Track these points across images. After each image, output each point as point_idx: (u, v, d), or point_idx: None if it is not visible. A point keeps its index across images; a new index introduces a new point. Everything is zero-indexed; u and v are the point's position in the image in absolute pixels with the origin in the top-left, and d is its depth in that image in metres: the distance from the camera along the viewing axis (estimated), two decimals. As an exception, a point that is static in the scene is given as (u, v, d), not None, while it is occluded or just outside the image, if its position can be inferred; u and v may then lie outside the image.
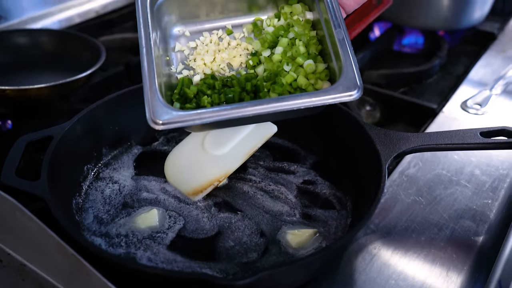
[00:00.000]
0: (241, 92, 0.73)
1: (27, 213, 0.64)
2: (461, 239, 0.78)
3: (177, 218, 0.78)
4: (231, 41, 0.82)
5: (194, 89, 0.74)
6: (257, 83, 0.74)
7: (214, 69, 0.79)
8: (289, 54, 0.76)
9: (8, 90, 0.99)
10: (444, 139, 0.81)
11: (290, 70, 0.75)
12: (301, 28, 0.78)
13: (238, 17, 0.84)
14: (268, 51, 0.78)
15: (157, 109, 0.66)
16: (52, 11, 1.44)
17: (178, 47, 0.82)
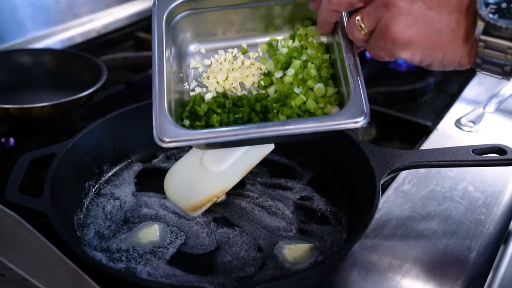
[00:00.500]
0: (250, 113, 0.74)
1: (30, 229, 0.65)
2: (454, 254, 0.79)
3: (178, 234, 0.80)
4: (245, 60, 0.83)
5: (205, 107, 0.75)
6: (266, 104, 0.74)
7: (226, 87, 0.80)
8: (300, 77, 0.76)
9: (11, 109, 1.01)
10: (437, 156, 0.83)
11: (300, 92, 0.75)
12: (314, 51, 0.78)
13: (254, 37, 0.85)
14: (281, 72, 0.79)
15: (164, 127, 0.67)
16: (54, 31, 1.47)
17: (193, 64, 0.83)
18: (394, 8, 0.61)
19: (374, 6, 0.64)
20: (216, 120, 0.73)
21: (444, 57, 0.63)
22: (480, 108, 1.17)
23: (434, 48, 0.63)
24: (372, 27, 0.65)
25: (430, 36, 0.62)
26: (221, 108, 0.76)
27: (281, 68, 0.79)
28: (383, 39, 0.64)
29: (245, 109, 0.74)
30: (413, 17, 0.61)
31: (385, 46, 0.64)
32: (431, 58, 0.64)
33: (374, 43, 0.66)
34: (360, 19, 0.66)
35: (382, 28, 0.63)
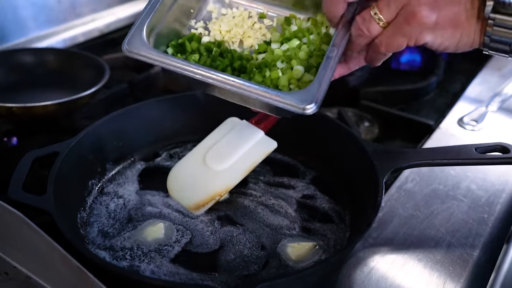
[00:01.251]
0: (227, 66, 0.75)
1: (34, 227, 0.65)
2: (457, 253, 0.79)
3: (184, 232, 0.80)
4: (256, 23, 0.82)
5: (194, 46, 0.77)
6: (246, 65, 0.75)
7: (225, 39, 0.80)
8: (289, 53, 0.76)
9: (14, 108, 1.02)
10: (440, 154, 0.83)
11: (281, 68, 0.74)
12: (316, 38, 0.77)
13: (279, 7, 0.83)
14: (278, 45, 0.78)
15: (134, 39, 0.71)
16: (57, 30, 1.47)
17: (210, 7, 0.83)
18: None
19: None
20: (193, 59, 0.75)
21: (461, 38, 0.66)
22: (483, 107, 1.17)
23: (454, 29, 0.65)
24: (393, 17, 0.65)
25: (451, 18, 0.64)
26: (207, 52, 0.77)
27: (281, 42, 0.79)
28: (409, 25, 0.64)
29: (225, 61, 0.75)
30: (436, 0, 0.63)
31: (411, 32, 0.65)
32: (450, 40, 0.66)
33: (396, 31, 0.66)
34: (378, 11, 0.65)
35: (407, 15, 0.64)
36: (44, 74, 1.24)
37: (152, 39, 0.74)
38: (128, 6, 1.64)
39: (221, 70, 0.74)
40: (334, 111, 1.15)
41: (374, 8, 0.66)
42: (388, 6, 0.65)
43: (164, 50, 0.77)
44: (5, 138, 1.06)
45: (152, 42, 0.74)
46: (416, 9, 0.63)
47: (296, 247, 0.76)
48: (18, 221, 0.66)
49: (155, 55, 0.70)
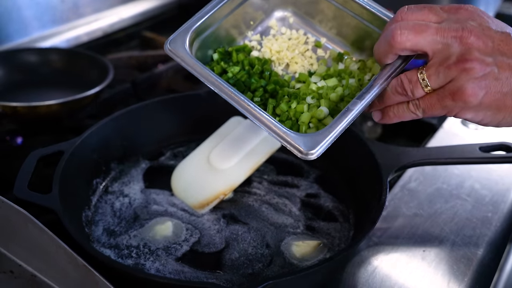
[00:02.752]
0: (261, 87, 0.75)
1: (39, 225, 0.65)
2: (461, 251, 0.79)
3: (193, 231, 0.80)
4: (308, 51, 0.81)
5: (240, 57, 0.78)
6: (278, 91, 0.75)
7: (273, 58, 0.80)
8: (321, 92, 0.74)
9: (19, 107, 1.02)
10: (444, 153, 0.83)
11: (309, 103, 0.73)
12: (356, 84, 0.74)
13: (337, 42, 0.81)
14: (318, 79, 0.77)
15: (177, 40, 0.72)
16: (60, 30, 1.47)
17: (271, 23, 0.83)
18: (470, 71, 0.59)
19: (446, 65, 0.61)
20: (232, 71, 0.76)
21: (503, 119, 0.63)
22: (486, 106, 1.17)
23: (498, 111, 0.62)
24: (439, 86, 0.62)
25: (498, 100, 0.61)
26: (249, 66, 0.77)
27: (325, 75, 0.77)
28: (453, 99, 0.61)
29: (260, 82, 0.75)
30: (487, 80, 0.60)
31: (453, 107, 0.62)
32: (491, 119, 0.63)
33: (437, 102, 0.63)
34: (426, 76, 0.62)
35: (454, 89, 0.61)
36: (48, 74, 1.24)
37: (197, 43, 0.75)
38: (131, 6, 1.64)
39: (253, 89, 0.75)
40: (337, 110, 1.15)
41: (423, 72, 0.63)
42: (437, 75, 0.61)
43: (210, 54, 0.78)
44: (10, 137, 1.06)
45: (197, 45, 0.75)
46: (465, 86, 0.60)
47: (301, 245, 0.77)
48: (23, 219, 0.67)
49: (188, 60, 0.71)
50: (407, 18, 0.63)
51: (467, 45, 0.60)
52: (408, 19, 0.63)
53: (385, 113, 0.70)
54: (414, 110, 0.66)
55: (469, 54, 0.59)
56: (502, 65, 0.60)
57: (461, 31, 0.60)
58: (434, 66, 0.62)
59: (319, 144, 0.64)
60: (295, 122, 0.72)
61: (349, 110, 0.65)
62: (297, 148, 0.64)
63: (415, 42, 0.62)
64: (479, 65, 0.59)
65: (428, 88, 0.63)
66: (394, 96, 0.66)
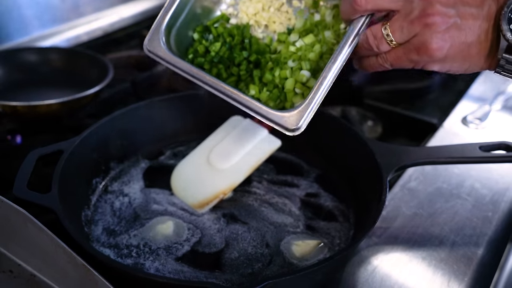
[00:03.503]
0: (244, 59, 0.77)
1: (39, 224, 0.65)
2: (461, 251, 0.79)
3: (195, 231, 0.80)
4: (284, 5, 0.81)
5: (220, 30, 0.79)
6: (261, 60, 0.77)
7: (251, 22, 0.81)
8: (300, 53, 0.75)
9: (18, 106, 1.02)
10: (444, 153, 0.83)
11: (292, 67, 0.75)
12: (332, 35, 0.75)
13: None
14: (296, 36, 0.77)
15: (153, 40, 0.75)
16: (60, 29, 1.47)
17: None
18: (433, 26, 0.60)
19: (409, 20, 0.62)
20: (214, 49, 0.78)
21: (469, 67, 0.65)
22: (487, 105, 1.17)
23: (463, 60, 0.63)
24: (404, 41, 0.63)
25: (463, 50, 0.62)
26: (230, 38, 0.79)
27: (303, 31, 0.78)
28: (418, 54, 0.63)
29: (242, 54, 0.77)
30: (451, 32, 0.61)
31: (418, 60, 0.64)
32: (457, 69, 0.65)
33: (403, 55, 0.64)
34: (390, 32, 0.64)
35: (418, 44, 0.62)
36: (48, 73, 1.24)
37: (174, 31, 0.77)
38: (131, 5, 1.64)
39: (237, 63, 0.77)
40: (337, 110, 1.16)
41: (387, 28, 0.64)
42: (401, 31, 0.63)
43: (191, 35, 0.80)
44: (9, 136, 1.06)
45: (174, 33, 0.77)
46: (428, 40, 0.61)
47: (301, 245, 0.77)
48: (22, 219, 0.66)
49: (170, 58, 0.74)
50: None
51: None
52: None
53: (360, 63, 0.72)
54: (382, 63, 0.67)
55: (431, 8, 0.60)
56: (465, 15, 0.61)
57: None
58: (398, 21, 0.63)
59: (302, 118, 0.67)
60: (282, 89, 0.74)
61: (324, 77, 0.67)
62: (283, 126, 0.68)
63: (375, 4, 0.64)
64: (441, 19, 0.60)
65: (394, 43, 0.64)
66: (364, 51, 0.68)
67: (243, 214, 0.84)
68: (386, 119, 1.19)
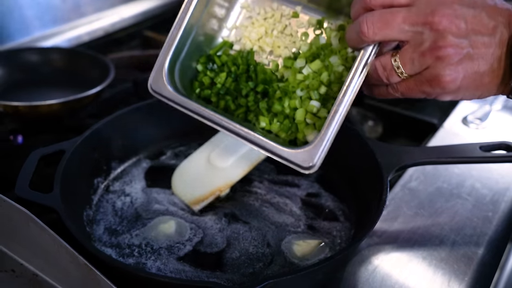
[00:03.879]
0: (251, 90, 0.76)
1: (41, 224, 0.66)
2: (462, 251, 0.79)
3: (197, 231, 0.80)
4: (287, 28, 0.79)
5: (224, 59, 0.78)
6: (268, 90, 0.75)
7: (254, 48, 0.79)
8: (308, 82, 0.73)
9: (20, 107, 1.02)
10: (445, 153, 0.83)
11: (300, 96, 0.73)
12: (340, 61, 0.73)
13: (313, 9, 0.78)
14: (303, 62, 0.75)
15: (157, 80, 0.74)
16: (61, 30, 1.48)
17: (244, 4, 0.80)
18: (446, 58, 0.58)
19: (420, 52, 0.60)
20: (219, 81, 0.76)
21: (481, 94, 0.64)
22: (487, 105, 1.17)
23: (477, 89, 0.62)
24: (415, 73, 0.62)
25: (476, 80, 0.61)
26: (235, 67, 0.77)
27: (309, 56, 0.76)
28: (431, 86, 0.61)
29: (248, 86, 0.76)
30: (464, 63, 0.59)
31: (431, 92, 0.62)
32: (470, 97, 0.64)
33: (415, 87, 0.63)
34: (401, 64, 0.61)
35: (430, 76, 0.60)
36: (49, 73, 1.24)
37: (178, 65, 0.76)
38: (132, 5, 1.64)
39: (244, 94, 0.76)
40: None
41: (397, 60, 0.62)
42: (412, 63, 0.61)
43: (195, 67, 0.79)
44: (11, 136, 1.06)
45: (178, 67, 0.76)
46: (441, 73, 0.59)
47: (301, 244, 0.77)
48: (24, 218, 0.67)
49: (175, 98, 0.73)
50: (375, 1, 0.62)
51: (439, 31, 0.58)
52: (376, 1, 0.61)
53: (371, 90, 0.70)
54: (393, 92, 0.66)
55: (443, 40, 0.58)
56: (477, 45, 0.59)
57: (432, 16, 0.58)
58: (408, 53, 0.61)
59: (316, 155, 0.66)
60: (293, 120, 0.73)
61: (336, 111, 0.66)
62: (298, 165, 0.67)
63: (383, 35, 0.61)
64: (454, 51, 0.58)
65: (404, 75, 0.62)
66: (373, 80, 0.66)
67: (244, 214, 0.84)
68: (387, 119, 1.19)
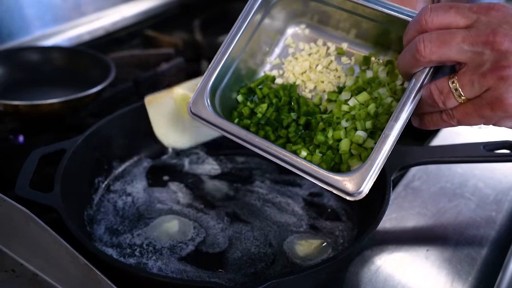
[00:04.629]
0: (293, 121, 0.75)
1: (41, 224, 0.65)
2: (465, 251, 0.79)
3: (199, 230, 0.80)
4: (332, 63, 0.78)
5: (265, 91, 0.77)
6: (311, 121, 0.74)
7: (298, 82, 0.79)
8: (354, 113, 0.71)
9: (21, 106, 1.02)
10: (448, 152, 0.82)
11: (346, 127, 0.71)
12: (388, 93, 0.71)
13: (360, 45, 0.78)
14: (348, 95, 0.74)
15: (197, 102, 0.73)
16: (62, 29, 1.47)
17: (288, 41, 0.80)
18: (509, 79, 0.55)
19: (480, 73, 0.56)
20: (260, 111, 0.75)
21: None
22: (490, 105, 1.17)
23: None
24: (474, 96, 0.58)
25: None
26: (276, 99, 0.76)
27: (354, 89, 0.74)
28: (492, 109, 0.57)
29: (290, 117, 0.75)
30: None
31: (491, 117, 0.58)
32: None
33: (473, 112, 0.59)
34: (459, 86, 0.58)
35: (492, 98, 0.56)
36: (50, 72, 1.24)
37: (219, 92, 0.75)
38: (133, 5, 1.64)
39: (286, 125, 0.75)
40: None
41: (455, 82, 0.58)
42: (471, 85, 0.57)
43: (235, 97, 0.78)
44: (12, 136, 1.06)
45: (219, 94, 0.75)
46: (504, 95, 0.55)
47: (304, 244, 0.76)
48: (25, 218, 0.66)
49: (214, 120, 0.72)
50: (431, 22, 0.59)
51: (501, 51, 0.55)
52: (433, 23, 0.58)
53: (421, 120, 0.67)
54: (448, 120, 0.62)
55: (506, 60, 0.55)
56: None
57: (493, 36, 0.55)
58: (467, 75, 0.57)
59: (364, 182, 0.63)
60: (336, 151, 0.70)
61: (386, 136, 0.63)
62: (344, 191, 0.64)
63: (441, 54, 0.58)
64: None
65: (462, 98, 0.59)
66: (428, 108, 0.63)
67: (246, 214, 0.83)
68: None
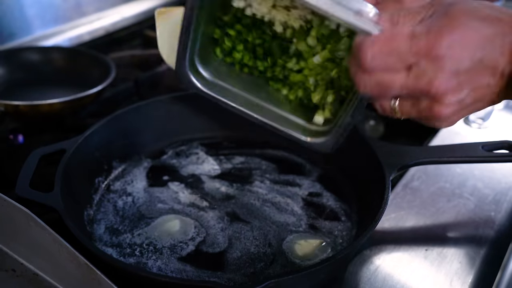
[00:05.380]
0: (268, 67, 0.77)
1: (41, 223, 0.65)
2: (464, 251, 0.79)
3: (200, 230, 0.80)
4: None
5: (238, 28, 0.76)
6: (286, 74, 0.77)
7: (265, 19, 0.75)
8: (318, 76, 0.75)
9: (21, 106, 1.02)
10: (447, 152, 0.82)
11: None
12: None
13: None
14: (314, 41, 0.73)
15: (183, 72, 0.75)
16: (62, 29, 1.47)
17: None
18: (442, 117, 0.59)
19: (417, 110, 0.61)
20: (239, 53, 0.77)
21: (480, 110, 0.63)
22: (489, 105, 1.17)
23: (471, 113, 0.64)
24: (410, 116, 0.63)
25: (471, 111, 0.61)
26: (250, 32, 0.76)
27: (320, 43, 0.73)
28: (427, 120, 0.62)
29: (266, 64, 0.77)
30: (461, 114, 0.60)
31: (427, 123, 0.63)
32: None
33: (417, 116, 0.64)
34: (398, 108, 0.63)
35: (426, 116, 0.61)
36: (50, 72, 1.24)
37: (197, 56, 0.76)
38: (133, 5, 1.64)
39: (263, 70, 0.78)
40: (339, 109, 1.15)
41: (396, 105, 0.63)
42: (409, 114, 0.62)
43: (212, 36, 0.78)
44: (12, 136, 1.06)
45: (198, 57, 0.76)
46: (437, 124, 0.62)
47: (303, 244, 0.77)
48: (25, 218, 0.67)
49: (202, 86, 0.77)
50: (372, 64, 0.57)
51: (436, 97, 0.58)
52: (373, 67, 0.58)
53: None
54: None
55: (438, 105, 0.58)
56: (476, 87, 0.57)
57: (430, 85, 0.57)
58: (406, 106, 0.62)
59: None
60: None
61: None
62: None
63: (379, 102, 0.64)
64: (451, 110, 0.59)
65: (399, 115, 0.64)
66: None
67: (245, 214, 0.84)
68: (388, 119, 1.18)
